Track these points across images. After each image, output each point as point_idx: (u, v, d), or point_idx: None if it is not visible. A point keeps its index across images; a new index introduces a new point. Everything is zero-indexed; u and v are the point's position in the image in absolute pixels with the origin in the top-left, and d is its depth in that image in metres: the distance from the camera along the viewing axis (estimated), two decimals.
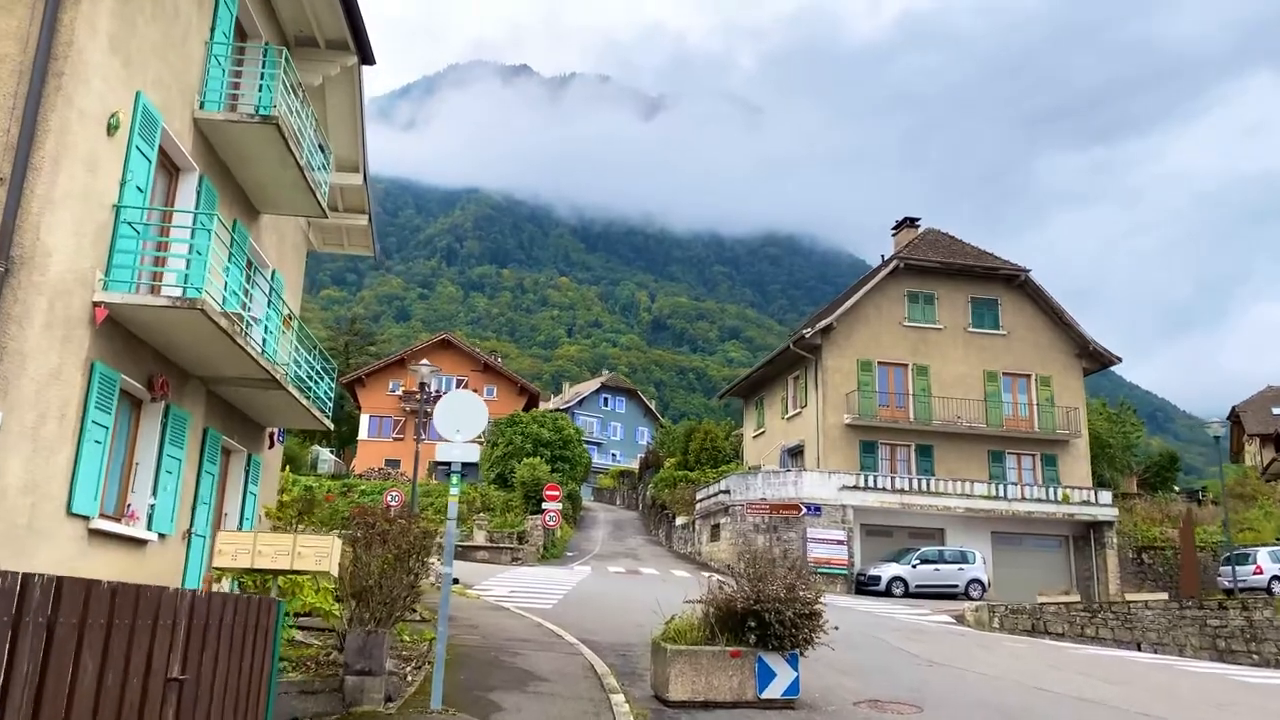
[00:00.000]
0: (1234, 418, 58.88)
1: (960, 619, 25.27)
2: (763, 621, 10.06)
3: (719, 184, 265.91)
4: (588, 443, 66.78)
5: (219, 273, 11.94)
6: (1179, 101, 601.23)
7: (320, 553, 8.43)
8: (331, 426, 16.10)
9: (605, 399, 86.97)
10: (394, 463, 57.03)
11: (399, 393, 59.61)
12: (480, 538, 35.92)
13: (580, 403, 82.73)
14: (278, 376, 12.80)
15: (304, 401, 14.30)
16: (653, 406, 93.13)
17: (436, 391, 60.78)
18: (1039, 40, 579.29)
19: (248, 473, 15.20)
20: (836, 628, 10.57)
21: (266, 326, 14.94)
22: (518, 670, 10.89)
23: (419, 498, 44.02)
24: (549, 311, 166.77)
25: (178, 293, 10.78)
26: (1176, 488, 51.84)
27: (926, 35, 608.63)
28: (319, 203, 14.56)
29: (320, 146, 15.08)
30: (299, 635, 11.59)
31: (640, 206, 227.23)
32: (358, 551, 11.44)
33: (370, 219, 18.09)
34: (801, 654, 10.29)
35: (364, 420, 60.72)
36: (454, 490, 9.26)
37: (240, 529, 14.71)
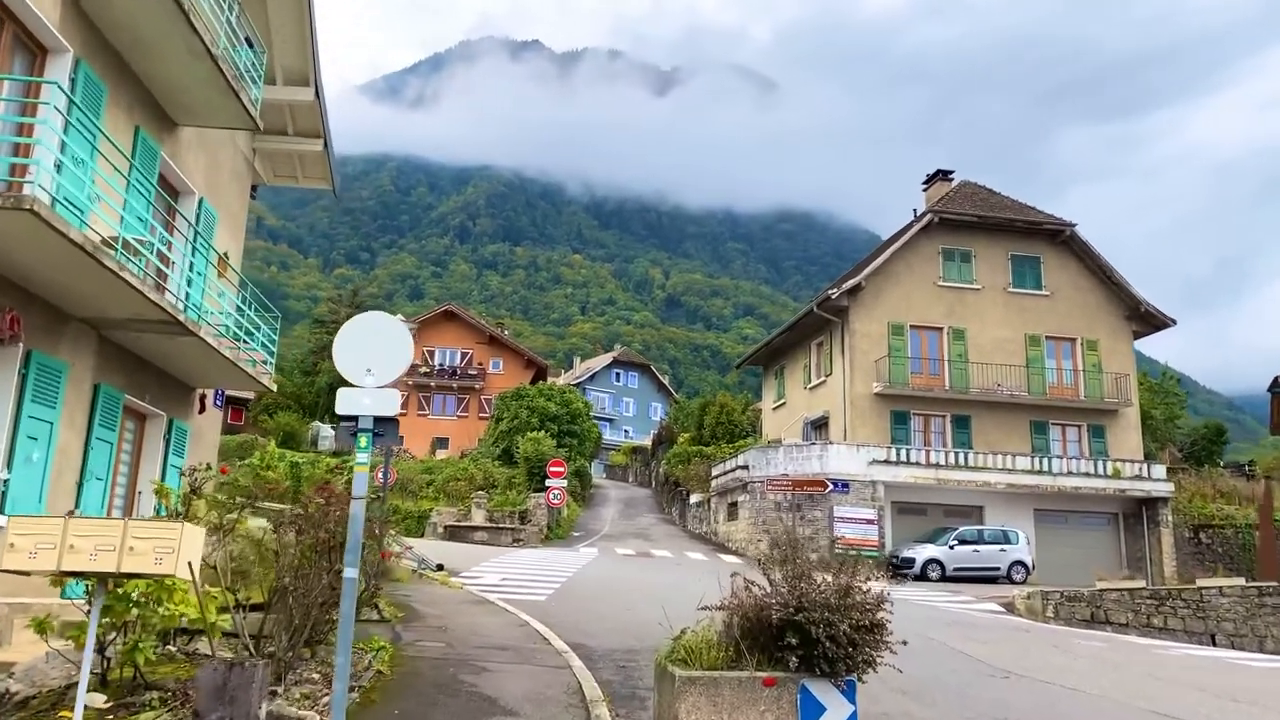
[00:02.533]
0: (1274, 387, 55.52)
1: (1010, 607, 22.49)
2: (807, 637, 7.28)
3: (733, 159, 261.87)
4: (599, 419, 64.18)
5: (116, 195, 9.20)
6: (1199, 75, 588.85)
7: (162, 546, 5.70)
8: (274, 387, 13.39)
9: (617, 374, 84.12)
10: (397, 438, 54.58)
11: None
12: (478, 517, 33.30)
13: (592, 378, 79.94)
14: (180, 318, 10.06)
15: (225, 353, 11.58)
16: (666, 381, 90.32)
17: (442, 366, 58.72)
18: (1057, 12, 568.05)
19: (168, 442, 12.51)
20: (905, 642, 7.81)
21: (193, 266, 12.20)
22: (477, 698, 8.17)
23: (419, 475, 41.62)
24: (562, 289, 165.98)
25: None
26: (1221, 462, 48.69)
27: (943, 6, 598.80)
28: (246, 109, 11.78)
29: (248, 40, 12.26)
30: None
31: (653, 183, 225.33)
32: (282, 543, 8.78)
33: (326, 144, 15.30)
34: (860, 679, 7.51)
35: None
36: (362, 457, 6.51)
37: (158, 514, 12.04)
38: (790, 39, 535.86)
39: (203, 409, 13.41)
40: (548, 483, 34.38)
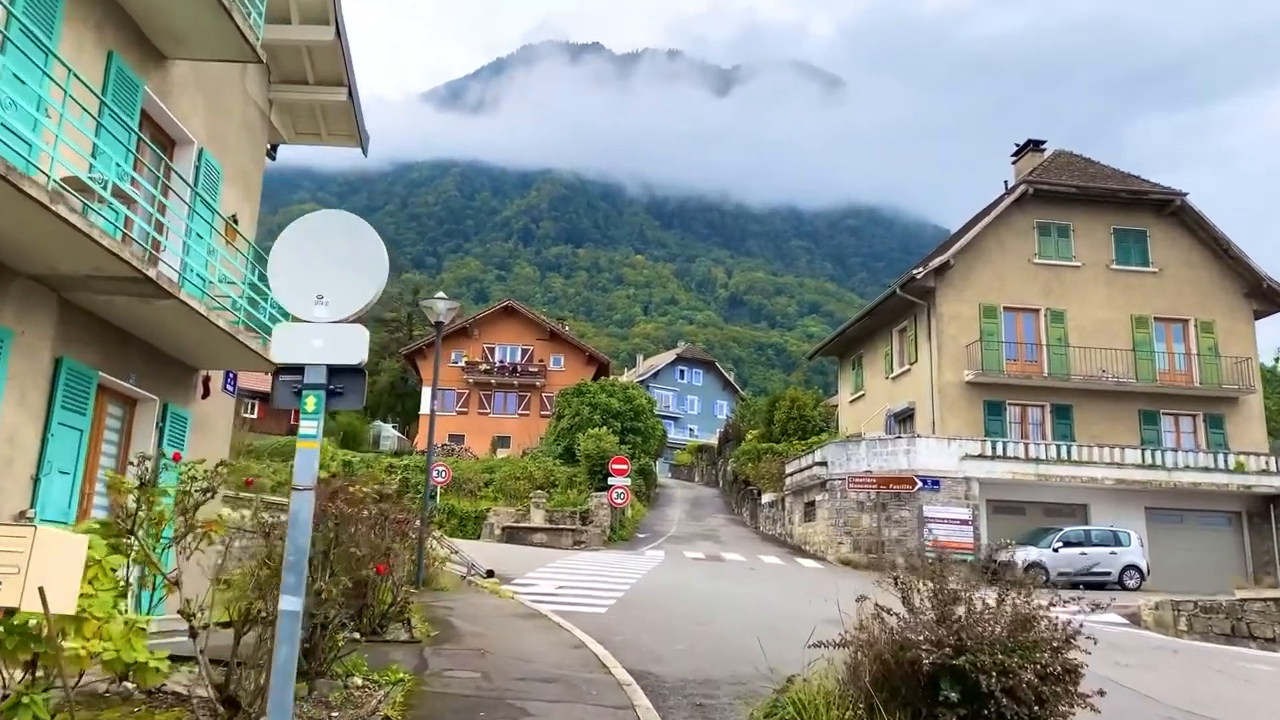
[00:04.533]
0: None
1: (1135, 619, 19.75)
2: (973, 690, 5.03)
3: (796, 157, 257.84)
4: (664, 417, 62.03)
5: (80, 136, 7.34)
6: (1277, 61, 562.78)
7: (3, 564, 3.69)
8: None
9: (681, 371, 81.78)
10: (458, 438, 53.19)
11: (461, 364, 55.66)
12: (537, 518, 31.37)
13: (655, 376, 77.74)
14: (150, 273, 8.17)
15: (221, 325, 9.70)
16: (731, 378, 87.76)
17: (503, 363, 57.10)
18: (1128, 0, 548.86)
19: (162, 431, 10.70)
20: (1102, 693, 5.52)
21: (190, 230, 10.36)
22: None
23: (479, 474, 39.89)
24: (625, 290, 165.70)
25: None
26: None
27: None
28: (243, 35, 9.90)
29: None
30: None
31: (715, 182, 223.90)
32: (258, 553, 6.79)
33: (351, 93, 13.40)
34: None
35: (425, 394, 56.89)
36: (309, 427, 4.45)
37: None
38: (852, 34, 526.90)
39: (206, 393, 11.58)
40: (610, 481, 32.34)
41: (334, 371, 4.37)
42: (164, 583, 6.02)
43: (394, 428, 58.94)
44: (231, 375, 12.56)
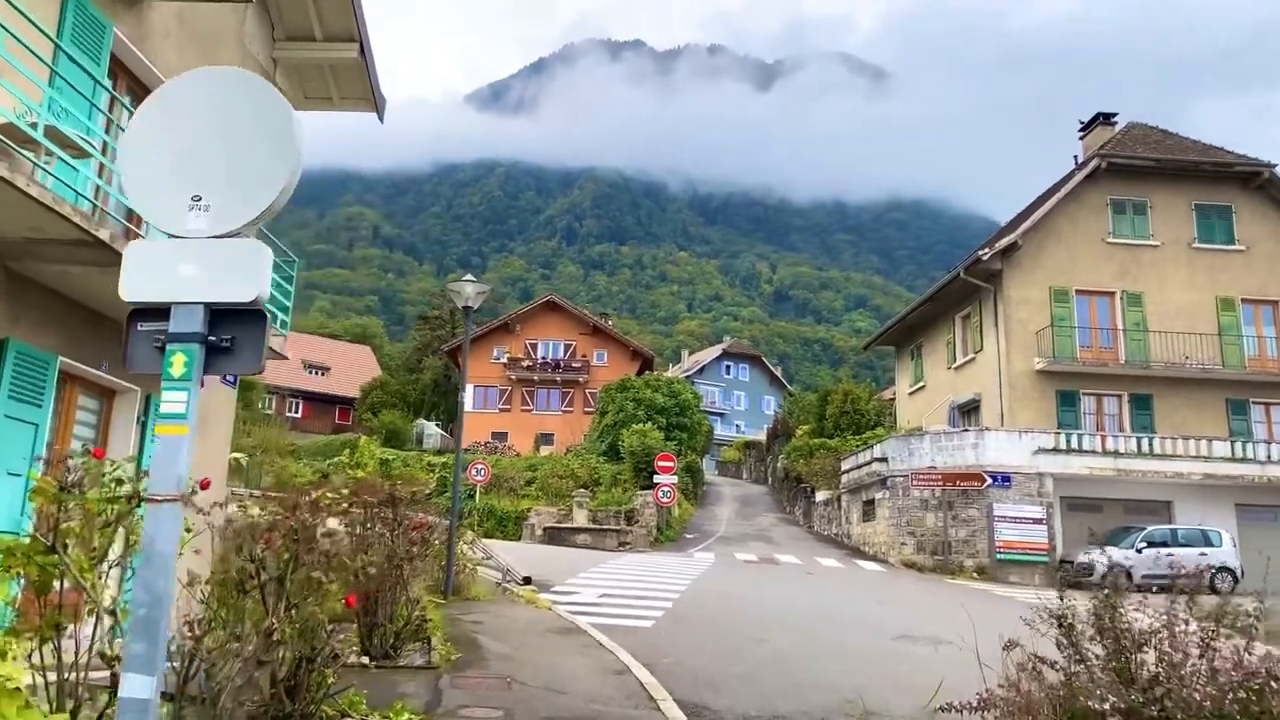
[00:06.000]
0: None
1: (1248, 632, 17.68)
2: None
3: (840, 150, 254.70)
4: (709, 413, 60.41)
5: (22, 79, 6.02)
6: None
7: None
8: (286, 355, 10.13)
9: (727, 366, 79.96)
10: (501, 435, 52.04)
11: (504, 360, 54.55)
12: (580, 518, 29.93)
13: (700, 371, 76.05)
14: (99, 235, 6.82)
15: None
16: (778, 373, 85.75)
17: (545, 359, 55.81)
18: None
19: (144, 426, 9.39)
20: None
21: None
22: None
23: (521, 472, 38.52)
24: (668, 287, 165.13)
25: None
26: None
27: None
28: None
29: None
30: None
31: (758, 177, 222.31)
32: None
33: (363, 49, 12.02)
34: None
35: (468, 390, 55.73)
36: (174, 400, 3.08)
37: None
38: (899, 24, 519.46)
39: (200, 385, 10.24)
40: (656, 479, 30.81)
41: (218, 315, 2.93)
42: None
43: (437, 425, 58.07)
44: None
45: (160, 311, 3.05)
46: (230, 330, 3.05)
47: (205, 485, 5.40)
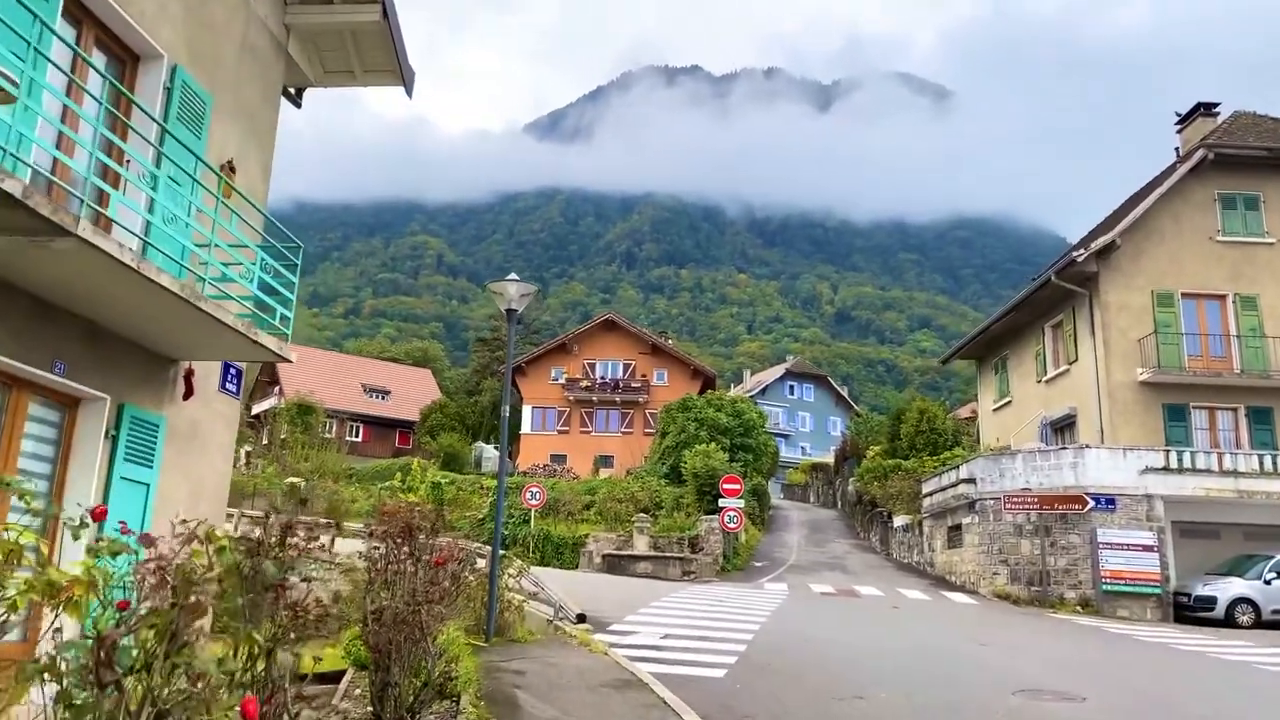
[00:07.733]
0: None
1: None
2: None
3: (900, 169, 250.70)
4: (773, 434, 58.18)
5: None
6: None
7: None
8: (291, 358, 8.57)
9: (791, 386, 77.54)
10: (559, 458, 50.56)
11: (562, 380, 53.21)
12: (641, 544, 28.07)
13: (763, 391, 73.73)
14: (31, 202, 5.33)
15: (173, 289, 6.82)
16: (844, 393, 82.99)
17: (604, 379, 54.14)
18: None
19: (115, 440, 7.88)
20: None
21: (156, 177, 7.58)
22: None
23: (580, 495, 36.66)
24: (728, 309, 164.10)
25: None
26: None
27: None
28: None
29: None
30: None
31: (818, 198, 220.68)
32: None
33: (386, 11, 10.56)
34: None
35: (525, 412, 54.58)
36: None
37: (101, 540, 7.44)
38: (958, 42, 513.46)
39: (189, 392, 8.72)
40: (721, 503, 28.88)
41: None
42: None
43: (495, 448, 56.92)
44: (233, 370, 9.75)
45: None
46: None
47: (99, 516, 3.78)
